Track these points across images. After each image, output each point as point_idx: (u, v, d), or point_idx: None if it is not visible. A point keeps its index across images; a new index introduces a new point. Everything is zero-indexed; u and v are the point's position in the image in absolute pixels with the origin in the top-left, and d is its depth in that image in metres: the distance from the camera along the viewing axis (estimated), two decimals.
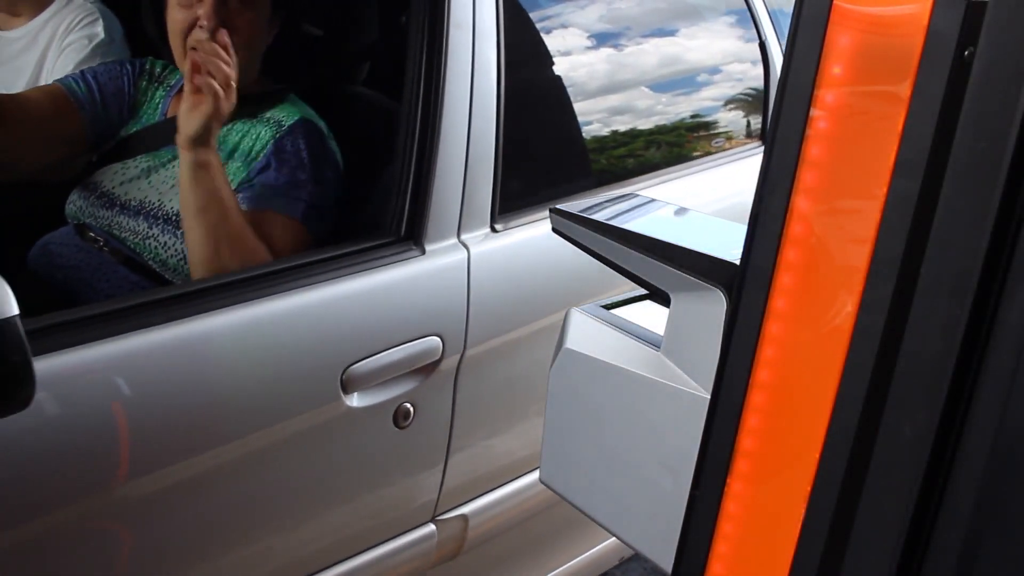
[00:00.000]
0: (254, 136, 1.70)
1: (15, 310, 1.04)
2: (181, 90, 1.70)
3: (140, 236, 1.66)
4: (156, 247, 1.65)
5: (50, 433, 1.27)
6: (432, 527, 1.81)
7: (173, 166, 1.69)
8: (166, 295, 1.43)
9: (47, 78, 2.22)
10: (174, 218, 1.64)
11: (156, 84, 1.85)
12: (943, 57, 0.68)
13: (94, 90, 1.79)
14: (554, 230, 1.09)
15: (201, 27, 1.59)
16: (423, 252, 1.65)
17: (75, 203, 1.76)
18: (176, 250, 1.64)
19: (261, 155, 1.67)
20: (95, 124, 1.79)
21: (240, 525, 1.53)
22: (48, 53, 2.23)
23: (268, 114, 1.73)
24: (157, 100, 1.83)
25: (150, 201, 1.68)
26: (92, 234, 1.70)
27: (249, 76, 1.72)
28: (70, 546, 1.34)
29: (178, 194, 1.62)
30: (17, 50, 2.27)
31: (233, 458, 1.46)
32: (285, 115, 1.72)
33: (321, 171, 1.69)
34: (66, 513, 1.32)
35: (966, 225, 0.67)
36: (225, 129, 1.69)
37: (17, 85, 2.26)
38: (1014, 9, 0.65)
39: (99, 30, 2.21)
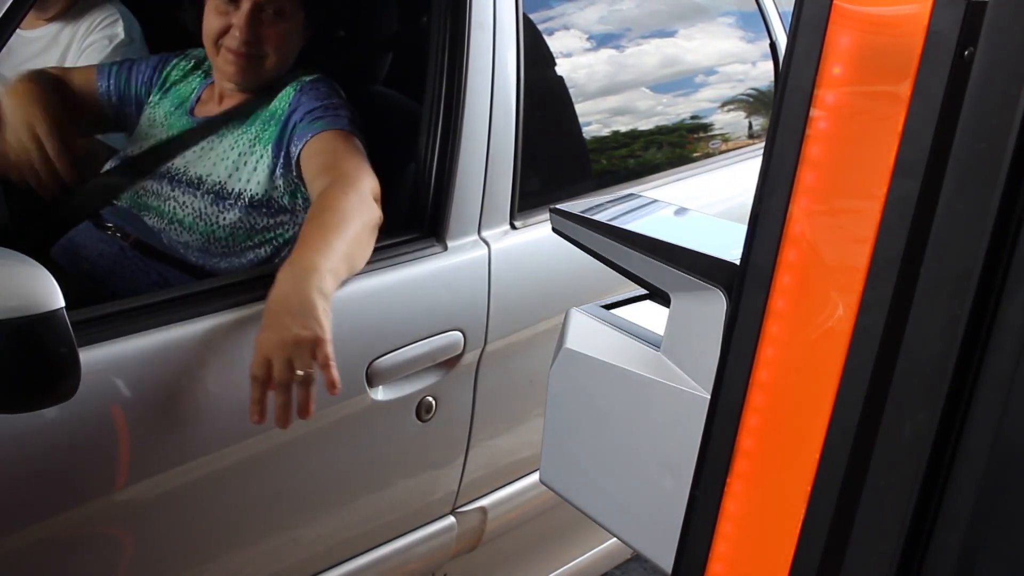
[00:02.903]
0: (275, 98, 1.76)
1: (61, 302, 1.06)
2: (210, 86, 1.83)
3: (162, 198, 1.72)
4: (175, 207, 1.70)
5: (89, 426, 1.31)
6: (452, 519, 1.83)
7: (201, 144, 1.76)
8: (197, 290, 1.46)
9: None
10: (196, 181, 1.71)
11: (198, 68, 1.91)
12: (943, 57, 0.68)
13: (113, 76, 1.90)
14: (554, 230, 1.09)
15: (234, 36, 1.71)
16: (445, 248, 1.68)
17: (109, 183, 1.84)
18: (193, 208, 1.69)
19: (287, 105, 1.74)
20: (110, 108, 1.89)
21: (267, 517, 1.56)
22: (68, 53, 2.24)
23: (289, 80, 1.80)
24: (194, 86, 1.88)
25: (175, 167, 1.75)
26: (108, 223, 1.75)
27: (278, 74, 1.79)
28: (86, 543, 1.36)
29: (203, 161, 1.72)
30: (38, 50, 2.27)
31: (261, 451, 1.49)
32: (305, 75, 1.79)
33: (348, 104, 1.75)
34: (79, 513, 1.34)
35: (966, 225, 0.67)
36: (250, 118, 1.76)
37: None
38: (1014, 9, 0.65)
39: (119, 30, 2.22)
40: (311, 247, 1.40)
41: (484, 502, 1.88)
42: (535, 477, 1.91)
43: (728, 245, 0.90)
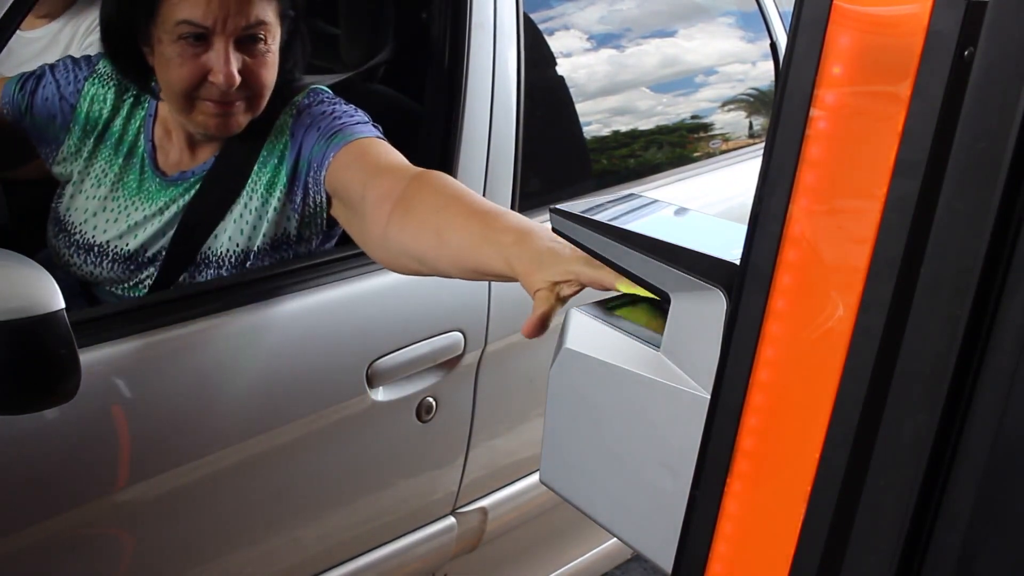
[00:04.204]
0: (269, 135, 1.55)
1: (61, 304, 1.06)
2: (157, 122, 1.59)
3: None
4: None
5: (90, 428, 1.31)
6: (452, 520, 1.84)
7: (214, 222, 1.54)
8: (197, 291, 1.46)
9: None
10: (216, 261, 1.54)
11: (124, 93, 1.63)
12: (943, 57, 0.68)
13: (27, 93, 1.66)
14: (554, 230, 1.09)
15: (215, 86, 1.43)
16: None
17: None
18: None
19: (288, 138, 1.53)
20: (22, 124, 1.67)
21: (267, 518, 1.57)
22: (69, 53, 2.24)
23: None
24: (135, 124, 1.61)
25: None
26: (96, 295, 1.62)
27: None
28: (87, 544, 1.35)
29: (219, 237, 1.52)
30: (37, 50, 2.27)
31: (261, 451, 1.50)
32: (297, 97, 1.58)
33: (352, 105, 1.56)
34: (79, 514, 1.35)
35: (966, 225, 0.67)
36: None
37: None
38: (1014, 9, 0.65)
39: None
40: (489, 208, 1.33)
41: (484, 502, 1.88)
42: (535, 477, 1.92)
43: (728, 245, 0.90)
